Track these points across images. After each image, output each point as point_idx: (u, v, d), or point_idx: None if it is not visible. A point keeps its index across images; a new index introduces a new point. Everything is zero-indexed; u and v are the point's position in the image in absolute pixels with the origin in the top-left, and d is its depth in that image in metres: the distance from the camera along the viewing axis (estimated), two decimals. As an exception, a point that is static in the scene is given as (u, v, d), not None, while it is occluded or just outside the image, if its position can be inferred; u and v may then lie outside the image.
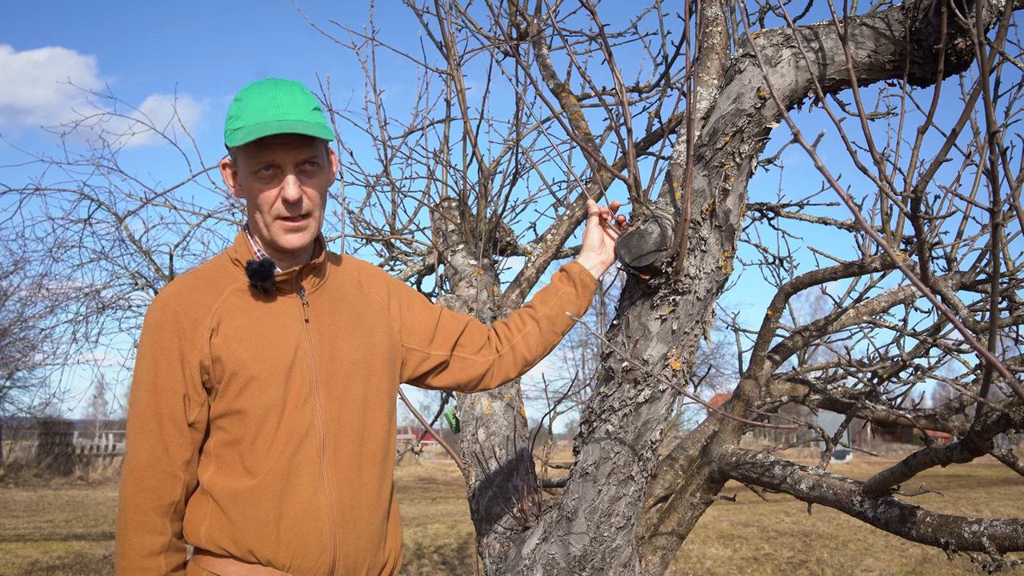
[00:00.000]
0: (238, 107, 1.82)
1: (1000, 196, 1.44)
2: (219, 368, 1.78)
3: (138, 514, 1.74)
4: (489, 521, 2.86)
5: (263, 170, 1.80)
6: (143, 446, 1.76)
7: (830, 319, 3.25)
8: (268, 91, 1.81)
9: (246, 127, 1.77)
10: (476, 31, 3.76)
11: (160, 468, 1.76)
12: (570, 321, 2.26)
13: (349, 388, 1.89)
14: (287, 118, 1.77)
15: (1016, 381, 1.21)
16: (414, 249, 4.16)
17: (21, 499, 18.61)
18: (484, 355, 2.21)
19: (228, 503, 1.77)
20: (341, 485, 1.84)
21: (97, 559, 9.67)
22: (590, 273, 2.27)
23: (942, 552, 2.04)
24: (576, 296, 2.26)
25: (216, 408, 1.80)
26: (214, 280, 1.86)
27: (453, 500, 18.91)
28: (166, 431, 1.76)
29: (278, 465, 1.78)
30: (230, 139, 1.80)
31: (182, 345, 1.77)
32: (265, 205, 1.82)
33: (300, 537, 1.78)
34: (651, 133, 3.63)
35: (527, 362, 2.26)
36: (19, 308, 14.82)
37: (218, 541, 1.77)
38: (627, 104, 2.23)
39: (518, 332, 2.24)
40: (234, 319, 1.81)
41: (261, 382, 1.79)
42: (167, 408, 1.76)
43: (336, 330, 1.92)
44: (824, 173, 1.49)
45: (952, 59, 1.95)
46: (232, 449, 1.79)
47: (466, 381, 2.21)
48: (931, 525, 2.14)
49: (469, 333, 2.21)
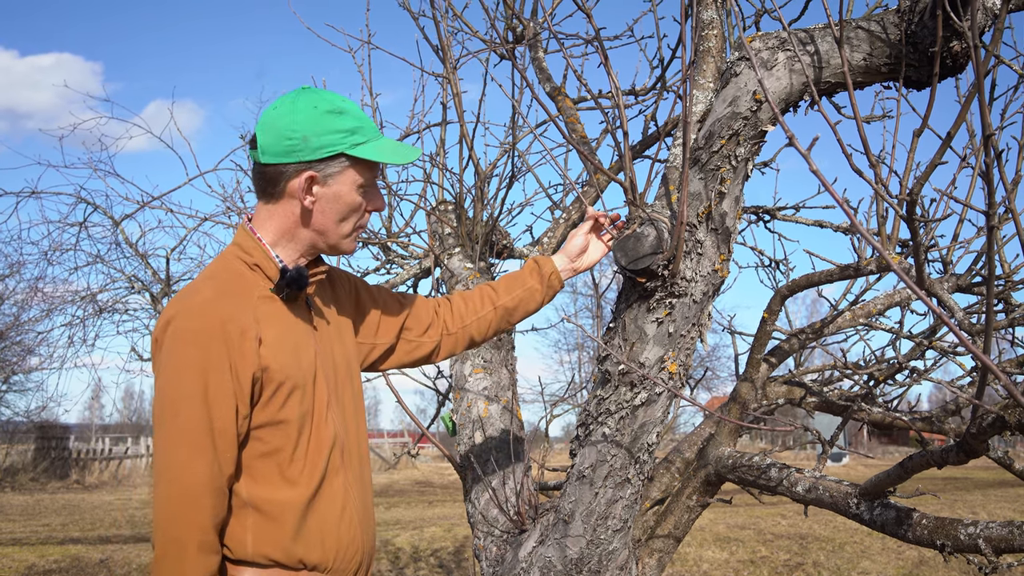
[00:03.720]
0: (354, 121, 1.83)
1: (996, 199, 1.45)
2: (267, 378, 1.73)
3: (203, 535, 1.65)
4: (486, 524, 2.85)
5: (370, 184, 1.88)
6: (198, 464, 1.65)
7: (826, 322, 3.26)
8: (356, 106, 1.88)
9: (370, 141, 1.83)
10: (472, 34, 3.76)
11: (216, 486, 1.67)
12: (526, 315, 2.32)
13: (346, 392, 1.94)
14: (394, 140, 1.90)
15: (1011, 384, 1.21)
16: (410, 252, 4.16)
17: (17, 503, 18.57)
18: (430, 335, 2.24)
19: (276, 513, 1.74)
20: (357, 487, 1.90)
21: (93, 563, 9.65)
22: (560, 276, 2.30)
23: (938, 554, 2.04)
24: (540, 294, 2.30)
25: (257, 418, 1.74)
26: (241, 287, 1.79)
27: (450, 503, 18.89)
28: (219, 446, 1.67)
29: (316, 473, 1.79)
30: (360, 151, 1.82)
31: (231, 355, 1.68)
32: (357, 215, 1.89)
33: (339, 540, 1.82)
34: (647, 136, 3.64)
35: (473, 342, 2.31)
36: (15, 312, 14.82)
37: (266, 552, 1.74)
38: (623, 107, 2.23)
39: (474, 314, 2.27)
40: (272, 327, 1.77)
41: (300, 391, 1.78)
42: (220, 422, 1.67)
43: (331, 336, 1.95)
44: (819, 176, 1.49)
45: (947, 62, 1.95)
46: (269, 459, 1.75)
47: (411, 362, 2.25)
48: (927, 527, 2.14)
49: (416, 315, 2.23)
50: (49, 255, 6.16)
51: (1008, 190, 1.77)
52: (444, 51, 3.49)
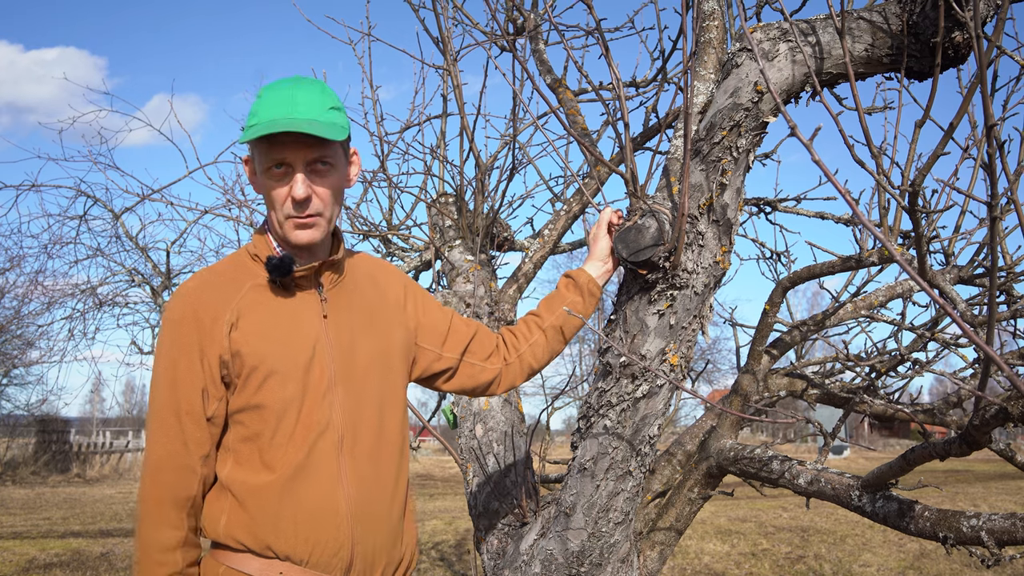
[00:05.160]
0: (257, 103, 1.83)
1: (998, 190, 1.44)
2: (239, 363, 1.78)
3: (156, 508, 1.75)
4: (487, 517, 2.85)
5: (274, 167, 1.81)
6: (162, 441, 1.76)
7: (828, 313, 3.25)
8: (286, 89, 1.82)
9: (260, 123, 1.78)
10: (473, 26, 3.75)
11: (178, 462, 1.76)
12: (575, 329, 2.29)
13: (367, 384, 1.90)
14: (298, 117, 1.78)
15: (1014, 375, 1.20)
16: (411, 245, 4.15)
17: (18, 497, 18.60)
18: (492, 363, 2.23)
19: (247, 497, 1.77)
20: (359, 481, 1.85)
21: (94, 556, 9.66)
22: (597, 283, 2.29)
23: (940, 546, 2.04)
24: (583, 305, 2.28)
25: (235, 403, 1.80)
26: (234, 276, 1.87)
27: (451, 496, 18.92)
28: (184, 426, 1.77)
29: (296, 460, 1.79)
30: (244, 134, 1.81)
31: (201, 340, 1.77)
32: (277, 202, 1.83)
33: (317, 532, 1.79)
34: (648, 128, 3.63)
35: (533, 370, 2.30)
36: (15, 305, 14.83)
37: (236, 536, 1.77)
38: (624, 99, 2.22)
39: (525, 342, 2.27)
40: (254, 314, 1.82)
41: (280, 377, 1.79)
42: (186, 403, 1.77)
43: (354, 326, 1.93)
44: (821, 167, 1.48)
45: (949, 53, 1.95)
46: (251, 444, 1.80)
47: (473, 387, 2.23)
48: (929, 519, 2.14)
49: (479, 340, 2.23)
50: (49, 248, 6.17)
51: (1010, 181, 1.77)
52: (445, 43, 3.48)
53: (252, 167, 1.90)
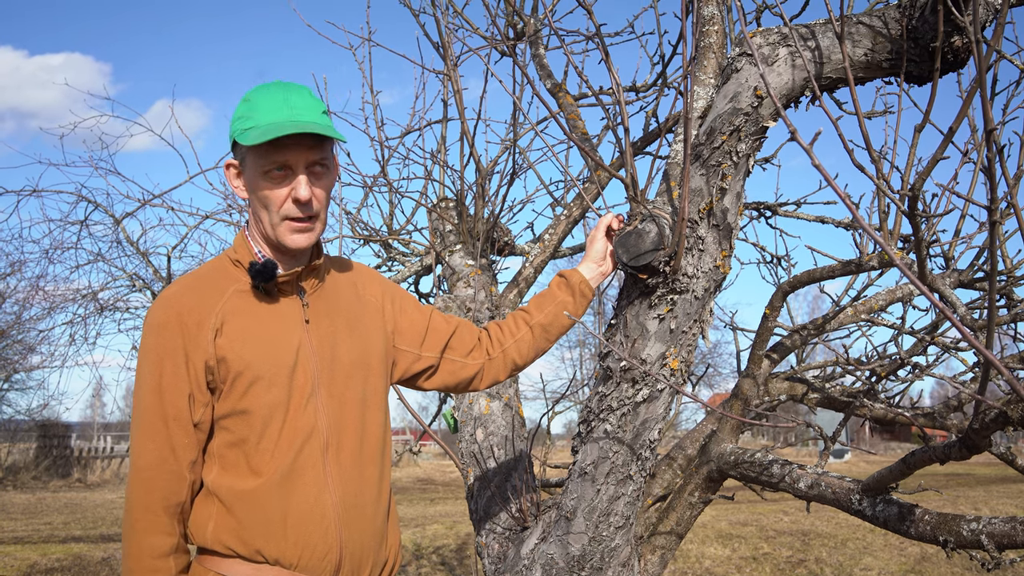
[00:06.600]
0: (248, 107, 1.82)
1: (998, 194, 1.44)
2: (224, 368, 1.78)
3: (147, 515, 1.74)
4: (488, 521, 2.85)
5: (275, 170, 1.81)
6: (150, 447, 1.75)
7: (828, 317, 3.25)
8: (279, 92, 1.82)
9: (259, 127, 1.77)
10: (473, 31, 3.76)
11: (167, 468, 1.75)
12: (563, 329, 2.28)
13: (349, 388, 1.91)
14: (301, 119, 1.78)
15: (1014, 379, 1.21)
16: (412, 249, 4.16)
17: (19, 501, 18.59)
18: (474, 358, 2.23)
19: (234, 503, 1.77)
20: (344, 484, 1.85)
21: (96, 561, 9.66)
22: (589, 284, 2.28)
23: (941, 550, 2.04)
24: (573, 305, 2.27)
25: (220, 408, 1.80)
26: (215, 281, 1.86)
27: (451, 501, 18.91)
28: (172, 432, 1.76)
29: (283, 464, 1.79)
30: (242, 138, 1.79)
31: (186, 345, 1.76)
32: (274, 205, 1.83)
33: (306, 535, 1.79)
34: (648, 132, 3.63)
35: (516, 366, 2.28)
36: (17, 310, 14.83)
37: (225, 541, 1.77)
38: (624, 104, 2.23)
39: (511, 336, 2.26)
40: (237, 319, 1.81)
41: (265, 382, 1.79)
42: (172, 409, 1.75)
43: (335, 331, 1.93)
44: (821, 171, 1.49)
45: (949, 57, 1.95)
46: (237, 449, 1.80)
47: (455, 383, 2.23)
48: (930, 523, 2.14)
49: (459, 335, 2.22)
50: (50, 253, 6.16)
51: (1010, 185, 1.77)
52: (445, 48, 3.49)
53: (238, 171, 1.89)
